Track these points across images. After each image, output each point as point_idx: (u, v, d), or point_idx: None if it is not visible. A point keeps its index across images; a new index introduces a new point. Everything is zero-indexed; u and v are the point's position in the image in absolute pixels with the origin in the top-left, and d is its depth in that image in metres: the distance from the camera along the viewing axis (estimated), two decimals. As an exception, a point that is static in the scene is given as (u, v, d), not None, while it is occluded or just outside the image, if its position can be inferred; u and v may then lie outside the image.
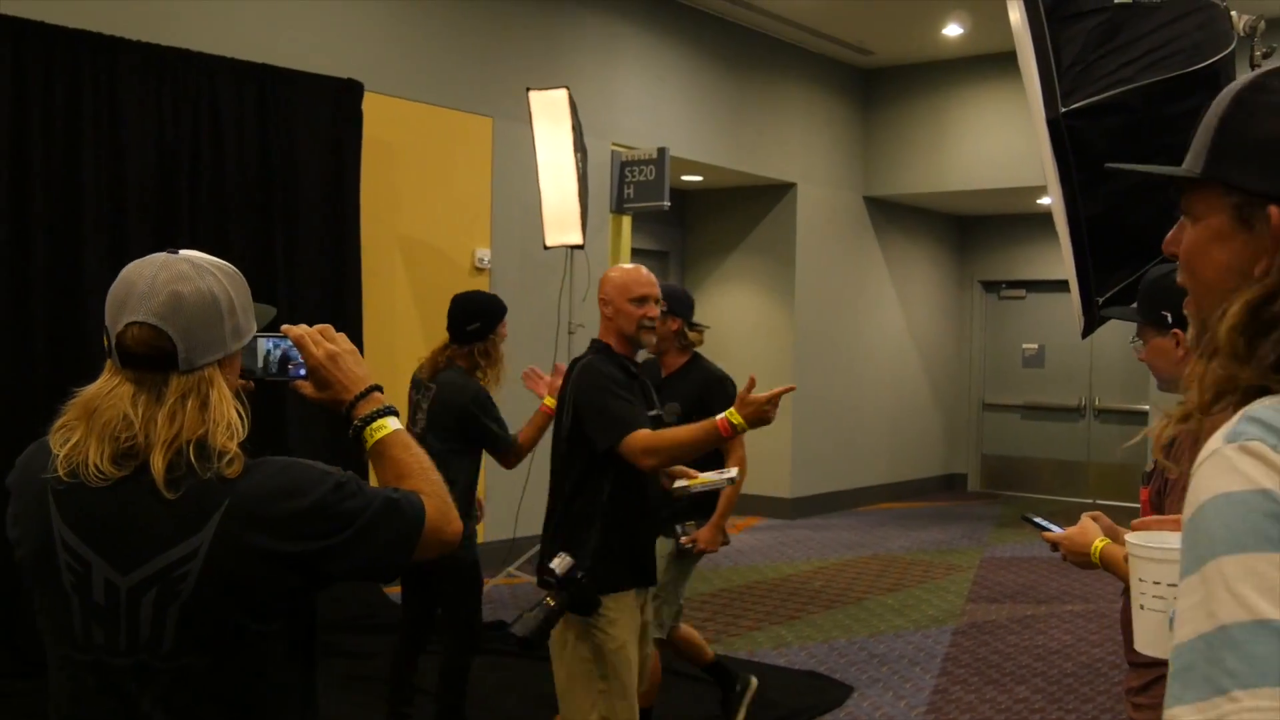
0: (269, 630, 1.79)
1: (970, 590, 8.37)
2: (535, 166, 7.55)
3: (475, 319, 4.81)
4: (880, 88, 12.21)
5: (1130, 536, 1.94)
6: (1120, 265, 2.81)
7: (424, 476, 1.94)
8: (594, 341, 3.86)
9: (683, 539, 4.91)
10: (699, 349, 5.11)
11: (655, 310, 3.87)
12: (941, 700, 5.84)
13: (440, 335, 4.96)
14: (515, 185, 8.35)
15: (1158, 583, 1.85)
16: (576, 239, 7.48)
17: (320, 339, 2.01)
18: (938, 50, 11.45)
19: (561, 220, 7.49)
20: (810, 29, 10.75)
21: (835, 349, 11.93)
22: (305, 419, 6.63)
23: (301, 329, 2.01)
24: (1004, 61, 10.70)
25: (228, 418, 1.77)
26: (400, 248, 7.79)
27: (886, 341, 12.77)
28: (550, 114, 7.46)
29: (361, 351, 6.97)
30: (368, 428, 1.97)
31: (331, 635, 6.46)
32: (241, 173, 6.70)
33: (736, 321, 11.57)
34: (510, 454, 4.83)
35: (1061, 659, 6.61)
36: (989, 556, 9.65)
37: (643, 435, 3.52)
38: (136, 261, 1.81)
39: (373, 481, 1.97)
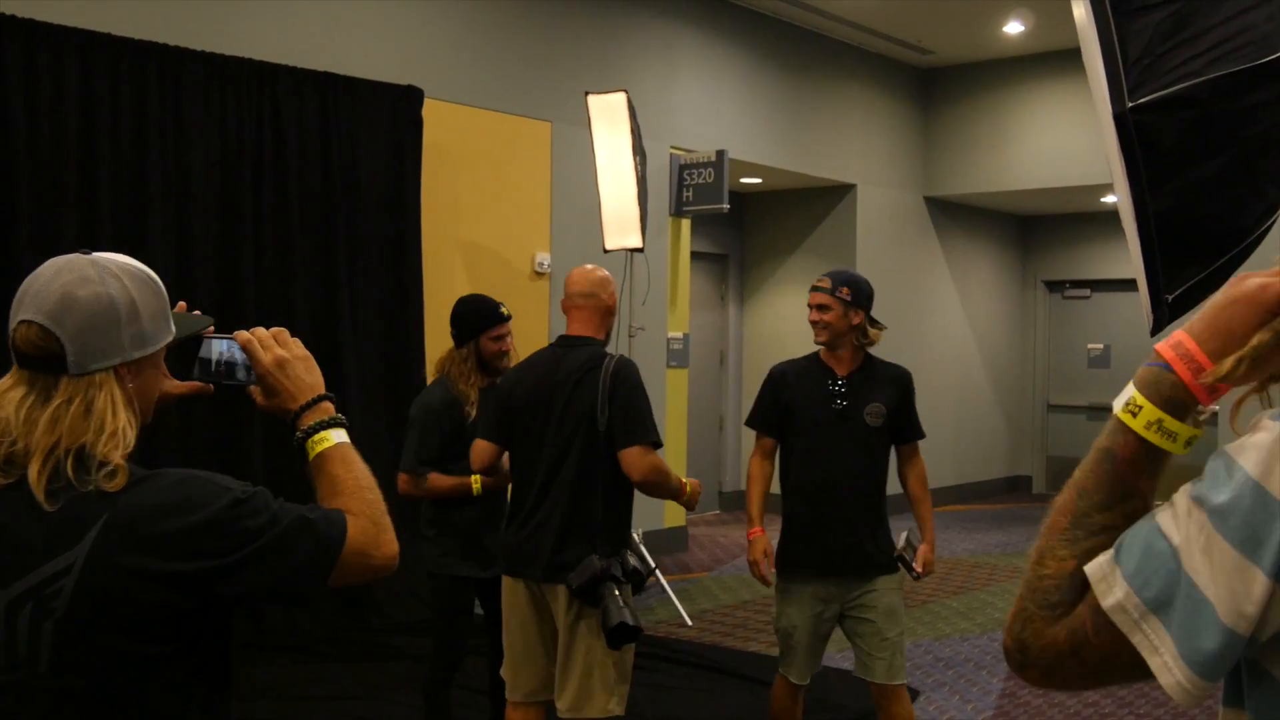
0: (160, 653, 1.66)
1: (1036, 593, 8.26)
2: (594, 170, 7.56)
3: (453, 324, 4.47)
4: (940, 87, 12.11)
5: None
6: (1190, 262, 2.76)
7: (358, 495, 1.81)
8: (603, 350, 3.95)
9: (915, 565, 4.38)
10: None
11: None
12: (1009, 704, 5.77)
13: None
14: (574, 189, 8.37)
15: None
16: (636, 242, 7.48)
17: (271, 343, 1.91)
18: (998, 48, 11.34)
19: (621, 223, 7.49)
20: (869, 29, 10.69)
21: (896, 351, 11.71)
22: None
23: (253, 332, 1.92)
24: (1065, 59, 10.60)
25: (113, 427, 1.66)
26: (461, 252, 7.83)
27: (949, 343, 12.66)
28: (609, 117, 7.47)
29: (423, 357, 7.16)
30: (309, 439, 1.86)
31: (392, 638, 6.50)
32: (304, 179, 6.77)
33: (797, 324, 11.48)
34: (403, 471, 4.31)
35: (1131, 663, 6.51)
36: (1055, 559, 9.51)
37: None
38: (50, 260, 1.73)
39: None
